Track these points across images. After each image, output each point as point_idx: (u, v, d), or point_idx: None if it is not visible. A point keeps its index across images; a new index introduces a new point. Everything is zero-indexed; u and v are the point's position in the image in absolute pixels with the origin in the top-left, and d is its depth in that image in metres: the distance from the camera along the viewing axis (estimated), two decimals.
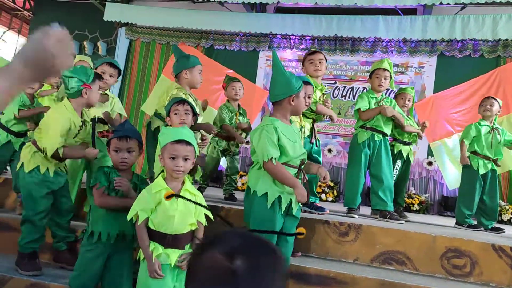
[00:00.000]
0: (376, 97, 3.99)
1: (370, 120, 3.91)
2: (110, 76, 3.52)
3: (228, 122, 4.18)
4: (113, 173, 2.40)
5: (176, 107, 2.81)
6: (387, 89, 4.13)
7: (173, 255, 2.14)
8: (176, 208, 2.13)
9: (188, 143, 2.19)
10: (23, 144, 3.76)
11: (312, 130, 3.73)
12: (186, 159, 2.17)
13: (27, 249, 2.82)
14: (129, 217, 2.17)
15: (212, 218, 2.25)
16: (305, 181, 2.59)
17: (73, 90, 2.71)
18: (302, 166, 2.62)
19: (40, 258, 2.92)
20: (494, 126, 4.32)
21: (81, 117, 2.79)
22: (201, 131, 3.32)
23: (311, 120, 3.73)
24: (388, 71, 3.95)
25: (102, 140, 3.22)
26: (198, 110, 3.33)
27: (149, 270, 2.12)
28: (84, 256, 2.38)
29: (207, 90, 5.30)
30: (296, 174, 2.57)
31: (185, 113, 2.80)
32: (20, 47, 1.01)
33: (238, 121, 4.27)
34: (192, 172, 2.45)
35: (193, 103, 3.01)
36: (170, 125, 2.83)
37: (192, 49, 7.39)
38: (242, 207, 2.97)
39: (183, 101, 2.84)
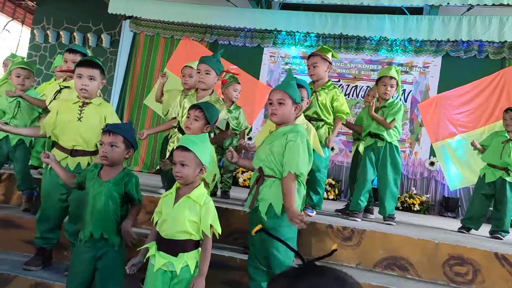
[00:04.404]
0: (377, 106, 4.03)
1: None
2: (73, 62, 3.15)
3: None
4: (96, 168, 2.40)
5: (189, 111, 2.83)
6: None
7: (161, 260, 2.11)
8: (169, 213, 2.15)
9: (184, 149, 2.17)
10: (20, 141, 3.64)
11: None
12: (183, 165, 2.15)
13: (36, 244, 2.90)
14: (152, 219, 2.26)
15: (218, 233, 2.18)
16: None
17: None
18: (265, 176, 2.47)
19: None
20: None
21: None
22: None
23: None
24: (395, 79, 3.93)
25: None
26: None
27: None
28: (73, 253, 2.45)
29: None
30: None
31: (195, 119, 2.75)
32: None
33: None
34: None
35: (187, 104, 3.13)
36: None
37: (196, 43, 7.36)
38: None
39: (192, 107, 2.83)
